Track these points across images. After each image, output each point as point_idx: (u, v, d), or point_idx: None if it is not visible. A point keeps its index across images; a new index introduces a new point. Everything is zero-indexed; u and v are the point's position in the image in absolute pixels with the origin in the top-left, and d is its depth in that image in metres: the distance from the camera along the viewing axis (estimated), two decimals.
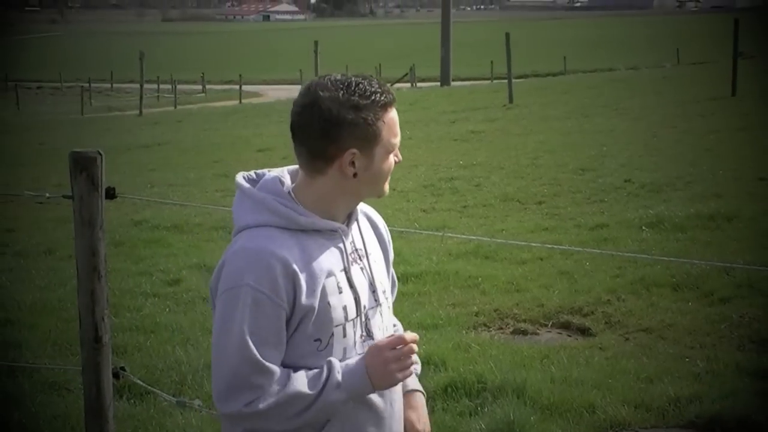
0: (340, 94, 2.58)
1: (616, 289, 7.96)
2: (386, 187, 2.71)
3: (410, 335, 2.63)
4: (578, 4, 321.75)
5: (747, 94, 24.10)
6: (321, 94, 2.58)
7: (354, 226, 2.74)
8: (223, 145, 22.40)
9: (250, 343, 2.53)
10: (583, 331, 7.25)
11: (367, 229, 2.83)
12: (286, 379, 2.56)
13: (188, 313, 7.86)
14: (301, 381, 2.57)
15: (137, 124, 33.28)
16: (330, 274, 2.62)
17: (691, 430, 5.31)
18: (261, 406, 2.53)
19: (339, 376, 2.58)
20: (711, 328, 6.94)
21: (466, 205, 12.31)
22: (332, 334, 2.62)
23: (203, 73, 60.53)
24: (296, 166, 2.72)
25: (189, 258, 9.87)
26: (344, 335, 2.64)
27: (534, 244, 9.07)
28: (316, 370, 2.59)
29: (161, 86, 53.52)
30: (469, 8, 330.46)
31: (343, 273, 2.66)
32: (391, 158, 2.68)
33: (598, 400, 5.62)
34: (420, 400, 2.93)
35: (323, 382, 2.57)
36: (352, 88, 2.59)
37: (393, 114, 2.66)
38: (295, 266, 2.56)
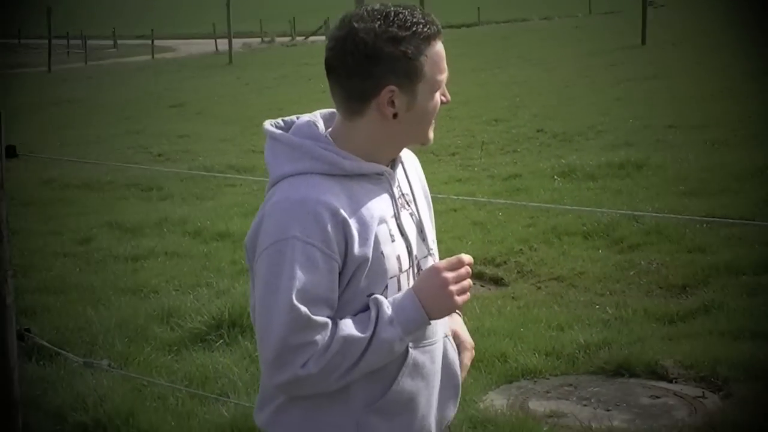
0: (377, 25, 2.31)
1: (528, 239, 8.02)
2: (431, 133, 2.43)
3: (467, 257, 2.38)
4: None
5: (656, 43, 24.44)
6: (356, 25, 2.32)
7: (399, 169, 2.49)
8: (135, 101, 22.05)
9: (300, 304, 2.26)
10: (496, 281, 7.30)
11: (411, 170, 2.57)
12: (335, 329, 2.31)
13: (99, 273, 7.75)
14: (349, 326, 2.31)
15: (46, 81, 32.61)
16: (381, 220, 2.37)
17: (601, 375, 5.38)
18: (317, 364, 2.28)
19: (389, 311, 2.33)
20: (620, 275, 7.04)
21: None
22: (386, 287, 2.37)
23: (114, 28, 59.48)
24: (330, 110, 2.49)
25: (100, 216, 9.72)
26: (399, 288, 2.39)
27: (447, 196, 9.09)
28: (363, 314, 2.34)
29: (71, 41, 52.45)
30: None
31: (394, 219, 2.41)
32: (437, 97, 2.39)
33: (510, 349, 5.67)
34: (459, 318, 2.72)
35: (374, 321, 2.32)
36: (391, 18, 2.33)
37: (438, 48, 2.37)
38: (344, 213, 2.30)
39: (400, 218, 2.42)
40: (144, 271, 7.79)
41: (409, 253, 2.42)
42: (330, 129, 2.44)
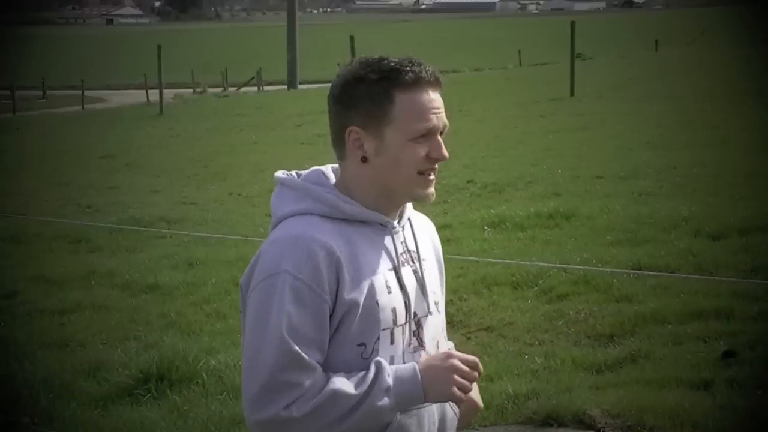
0: (358, 67, 2.37)
1: (458, 290, 8.07)
2: (421, 188, 2.40)
3: (480, 366, 2.40)
4: (423, 7, 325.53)
5: (585, 94, 24.85)
6: (343, 69, 2.39)
7: (407, 225, 2.50)
8: (64, 152, 21.84)
9: (289, 337, 2.24)
10: None
11: (423, 232, 2.58)
12: (327, 380, 2.27)
13: (25, 327, 7.64)
14: (342, 381, 2.28)
15: None
16: (379, 270, 2.36)
17: (529, 426, 5.41)
18: (300, 409, 2.23)
19: (389, 379, 2.29)
20: (549, 325, 7.11)
21: None
22: (378, 338, 2.34)
23: (44, 78, 58.97)
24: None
25: (26, 270, 9.60)
26: (392, 341, 2.36)
27: None
28: (360, 373, 2.30)
29: None
30: (315, 11, 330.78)
31: (393, 272, 2.39)
32: (419, 149, 2.36)
33: None
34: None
35: (370, 383, 2.28)
36: (372, 63, 2.37)
37: (421, 96, 2.36)
38: (339, 254, 2.30)
39: (400, 272, 2.41)
40: (71, 324, 7.69)
41: (407, 308, 2.40)
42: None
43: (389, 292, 2.37)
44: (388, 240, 2.42)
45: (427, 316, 2.46)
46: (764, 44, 44.87)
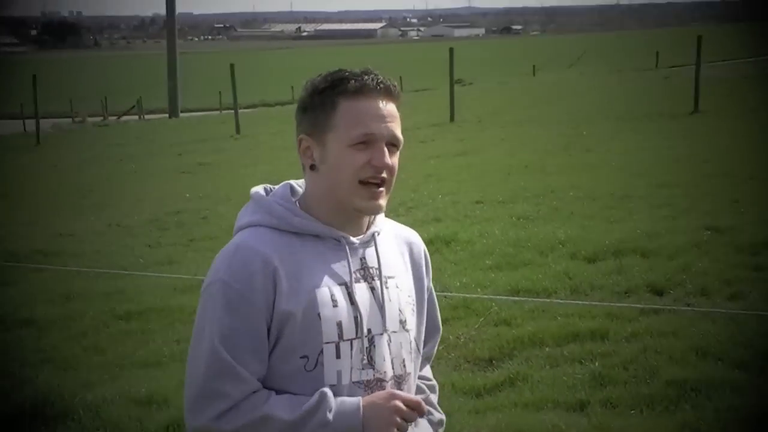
0: (316, 79, 2.43)
1: None
2: (363, 198, 2.38)
3: (425, 407, 2.40)
4: (305, 34, 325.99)
5: (464, 119, 25.16)
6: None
7: (372, 242, 2.48)
8: None
9: (220, 346, 2.26)
10: None
11: (396, 253, 2.55)
12: (264, 400, 2.28)
13: None
14: (281, 404, 2.27)
15: None
16: (323, 283, 2.36)
17: None
18: (230, 423, 2.24)
19: (330, 415, 2.28)
20: None
21: (192, 239, 12.18)
22: (321, 352, 2.33)
23: None
24: None
25: None
26: (338, 356, 2.34)
27: None
28: (303, 397, 2.30)
29: None
30: (196, 38, 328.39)
31: (343, 287, 2.39)
32: (357, 156, 2.36)
33: None
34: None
35: (307, 412, 2.27)
36: (330, 73, 2.41)
37: (364, 104, 2.37)
38: (276, 264, 2.32)
39: (352, 287, 2.40)
40: None
41: (358, 323, 2.38)
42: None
43: (335, 306, 2.35)
44: (341, 255, 2.42)
45: (383, 333, 2.43)
46: (636, 69, 46.12)
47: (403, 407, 2.33)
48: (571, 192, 13.12)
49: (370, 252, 2.48)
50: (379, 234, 2.53)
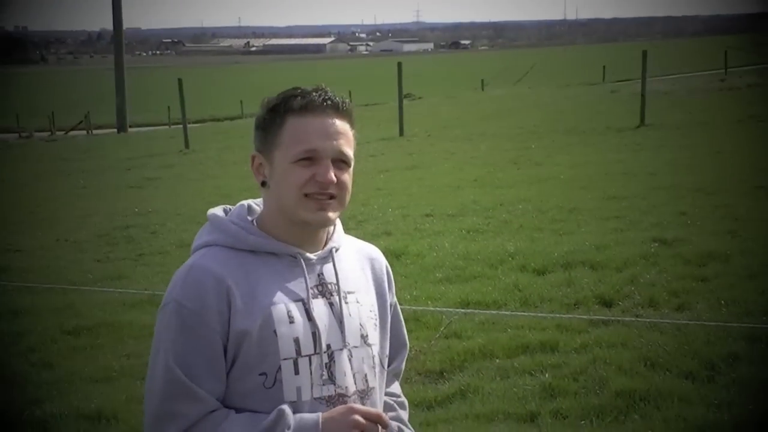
0: (271, 98, 2.46)
1: None
2: (308, 210, 2.38)
3: (387, 419, 2.34)
4: (254, 49, 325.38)
5: (413, 134, 25.22)
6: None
7: (330, 258, 2.49)
8: None
9: (175, 366, 2.26)
10: None
11: (356, 269, 2.56)
12: (222, 419, 2.27)
13: None
14: (239, 423, 2.27)
15: None
16: (279, 300, 2.36)
17: None
18: None
19: None
20: None
21: (142, 254, 12.10)
22: (279, 368, 2.32)
23: None
24: None
25: None
26: (296, 372, 2.34)
27: None
28: (262, 415, 2.29)
29: None
30: (144, 53, 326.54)
31: (300, 303, 2.38)
32: (301, 172, 2.37)
33: None
34: None
35: (266, 429, 2.27)
36: (282, 92, 2.45)
37: (307, 120, 2.38)
38: (230, 283, 2.32)
39: (309, 303, 2.39)
40: None
41: (316, 339, 2.38)
42: None
43: (291, 322, 2.35)
44: (298, 271, 2.42)
45: (343, 349, 2.43)
46: (584, 84, 46.54)
47: (362, 420, 2.31)
48: (520, 205, 13.20)
49: (328, 268, 2.49)
50: (337, 250, 2.54)
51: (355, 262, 2.59)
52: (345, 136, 2.43)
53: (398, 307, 2.75)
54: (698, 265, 9.15)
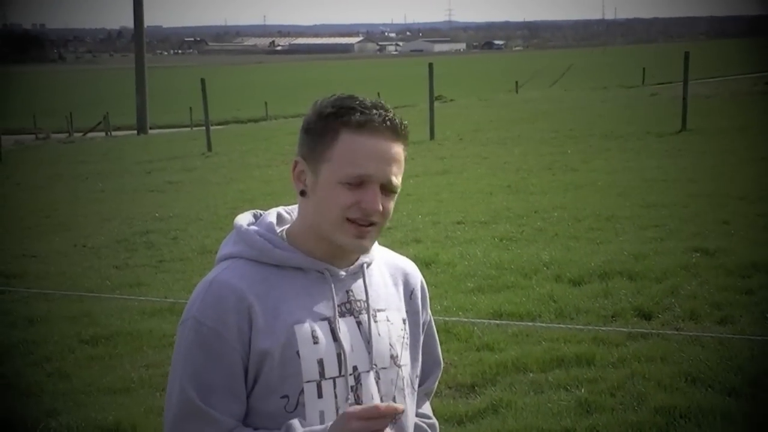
0: (325, 101, 2.38)
1: None
2: (347, 234, 2.33)
3: (384, 406, 2.24)
4: (279, 48, 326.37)
5: (445, 137, 25.21)
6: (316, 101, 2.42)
7: (360, 274, 2.44)
8: None
9: (190, 389, 2.26)
10: None
11: (387, 284, 2.52)
12: None
13: None
14: None
15: None
16: (303, 319, 2.33)
17: None
18: None
19: None
20: None
21: (162, 260, 12.14)
22: (302, 391, 2.30)
23: None
24: None
25: None
26: (319, 395, 2.31)
27: None
28: (272, 430, 2.30)
29: None
30: (165, 53, 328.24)
31: (326, 322, 2.35)
32: (347, 195, 2.30)
33: None
34: None
35: None
36: (339, 98, 2.36)
37: (364, 140, 2.30)
38: (252, 299, 2.30)
39: (335, 322, 2.36)
40: None
41: (341, 361, 2.35)
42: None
43: (315, 343, 2.32)
44: (326, 288, 2.39)
45: (370, 370, 2.40)
46: (622, 86, 46.39)
47: (358, 425, 2.23)
48: (555, 213, 13.17)
49: (358, 284, 2.45)
50: (369, 265, 2.50)
51: (388, 277, 2.56)
52: (398, 163, 2.36)
53: (433, 323, 2.72)
54: (741, 276, 9.10)
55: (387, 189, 2.35)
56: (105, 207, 17.15)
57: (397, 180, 2.37)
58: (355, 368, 2.38)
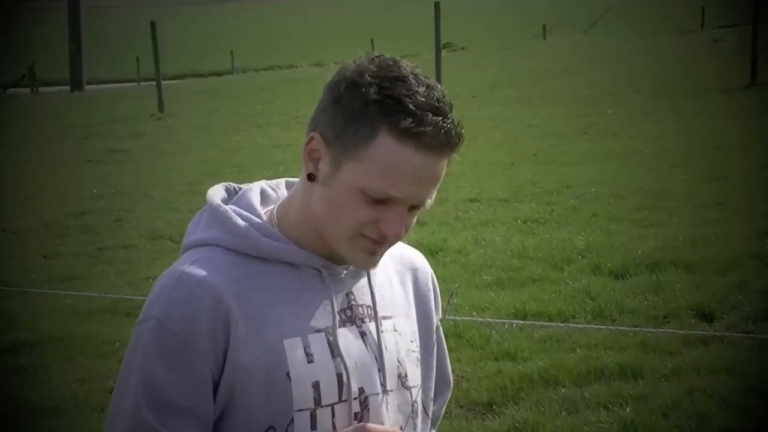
0: (370, 68, 2.22)
1: None
2: (354, 248, 2.25)
3: None
4: None
5: (455, 94, 24.96)
6: (359, 59, 2.27)
7: (362, 272, 2.39)
8: None
9: (145, 404, 2.19)
10: None
11: (394, 284, 2.48)
12: None
13: None
14: None
15: None
16: (294, 330, 2.26)
17: None
18: None
19: None
20: None
21: (101, 248, 12.11)
22: (291, 421, 2.24)
23: None
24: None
25: None
26: (313, 426, 2.26)
27: None
28: None
29: None
30: None
31: (323, 334, 2.29)
32: (365, 209, 2.21)
33: None
34: None
35: None
36: (388, 76, 2.20)
37: (408, 152, 2.17)
38: (231, 302, 2.22)
39: (335, 334, 2.30)
40: None
41: (342, 383, 2.30)
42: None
43: (310, 361, 2.27)
44: (322, 289, 2.33)
45: (380, 394, 2.35)
46: (676, 31, 46.34)
47: None
48: (592, 188, 13.15)
49: (361, 285, 2.40)
50: None
51: (392, 274, 2.50)
52: (438, 181, 2.26)
53: (441, 330, 2.64)
54: None
55: (415, 207, 2.28)
56: (30, 182, 17.10)
57: (431, 200, 2.29)
58: (361, 390, 2.33)
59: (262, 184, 2.46)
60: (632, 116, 20.09)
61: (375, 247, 2.27)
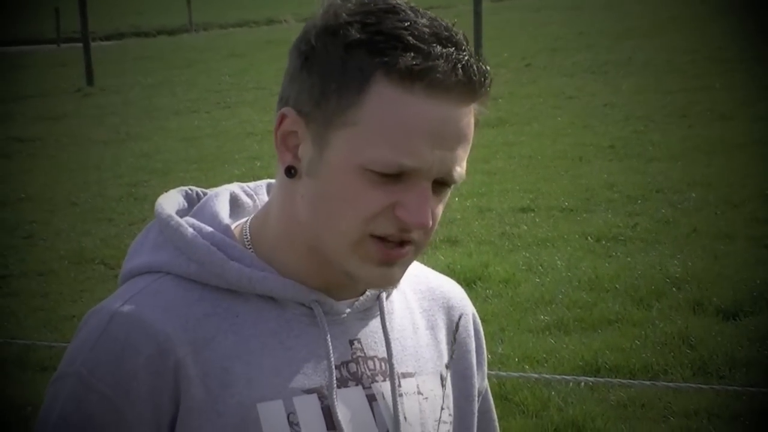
0: (344, 10, 2.13)
1: None
2: (364, 259, 2.17)
3: None
4: None
5: (501, 62, 25.28)
6: (324, 5, 2.16)
7: (376, 311, 2.34)
8: None
9: None
10: None
11: (419, 327, 2.42)
12: None
13: None
14: None
15: None
16: (274, 391, 2.21)
17: None
18: None
19: None
20: None
21: (6, 275, 12.17)
22: None
23: None
24: None
25: None
26: None
27: None
28: None
29: None
30: None
31: (314, 396, 2.24)
32: (376, 196, 2.12)
33: None
34: None
35: None
36: (374, 11, 2.13)
37: (420, 105, 2.09)
38: (183, 353, 2.18)
39: (331, 397, 2.24)
40: None
41: None
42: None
43: None
44: (314, 334, 2.27)
45: None
46: None
47: None
48: (692, 193, 13.16)
49: (371, 329, 2.35)
50: (389, 295, 2.38)
51: (418, 314, 2.44)
52: (465, 140, 2.17)
53: (489, 393, 2.59)
54: None
55: (443, 183, 2.18)
56: None
57: (461, 170, 2.17)
58: None
59: (234, 188, 2.41)
60: (750, 91, 20.07)
61: (391, 255, 2.18)
